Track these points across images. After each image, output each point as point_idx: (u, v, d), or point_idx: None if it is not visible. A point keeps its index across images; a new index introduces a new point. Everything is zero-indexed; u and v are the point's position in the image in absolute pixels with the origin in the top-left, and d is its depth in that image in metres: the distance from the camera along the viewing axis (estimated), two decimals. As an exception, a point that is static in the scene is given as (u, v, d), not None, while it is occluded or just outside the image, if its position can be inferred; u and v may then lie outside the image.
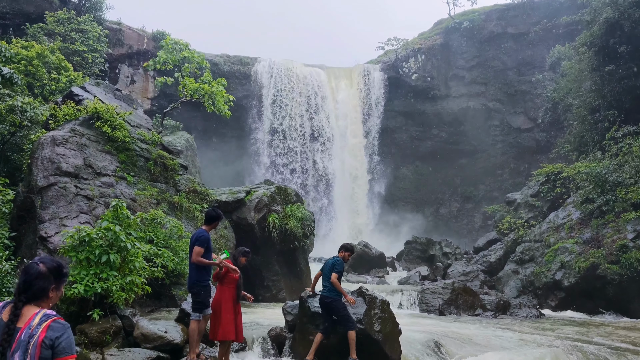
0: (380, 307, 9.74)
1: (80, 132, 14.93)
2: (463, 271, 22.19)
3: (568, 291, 18.13)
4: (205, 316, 7.96)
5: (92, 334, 8.45)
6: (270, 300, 17.27)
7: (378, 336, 9.29)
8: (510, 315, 16.27)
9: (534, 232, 21.68)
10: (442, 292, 16.88)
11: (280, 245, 18.11)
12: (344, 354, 9.00)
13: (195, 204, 16.06)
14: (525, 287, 19.92)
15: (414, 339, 10.45)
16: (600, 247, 18.01)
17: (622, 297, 17.07)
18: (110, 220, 9.50)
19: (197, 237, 7.83)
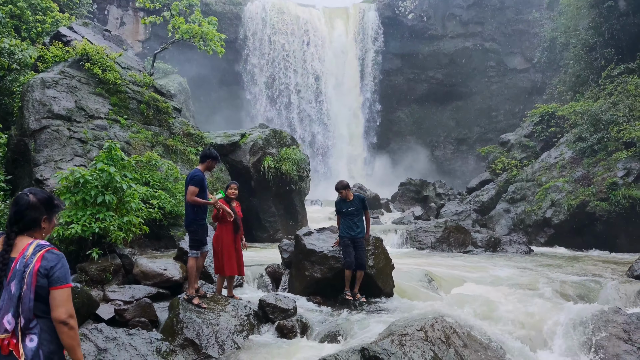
0: (374, 243, 9.99)
1: (70, 74, 14.75)
2: (456, 211, 22.53)
3: (557, 228, 18.53)
4: (203, 253, 8.14)
5: (92, 272, 8.66)
6: (268, 241, 17.62)
7: (371, 271, 9.57)
8: (501, 251, 16.68)
9: (527, 172, 21.91)
10: (435, 230, 17.21)
11: (276, 188, 18.30)
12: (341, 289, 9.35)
13: (190, 147, 16.09)
14: (516, 225, 20.32)
15: (407, 274, 10.76)
16: (590, 185, 18.29)
17: (609, 233, 17.49)
18: (104, 162, 9.55)
19: (192, 177, 7.87)
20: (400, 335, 6.99)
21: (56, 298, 3.12)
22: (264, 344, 7.31)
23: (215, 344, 7.01)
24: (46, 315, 3.14)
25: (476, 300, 8.85)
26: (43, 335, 3.10)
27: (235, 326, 7.54)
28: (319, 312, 8.76)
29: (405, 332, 7.07)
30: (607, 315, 7.81)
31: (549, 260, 14.91)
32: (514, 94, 39.16)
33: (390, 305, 9.27)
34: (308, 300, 9.28)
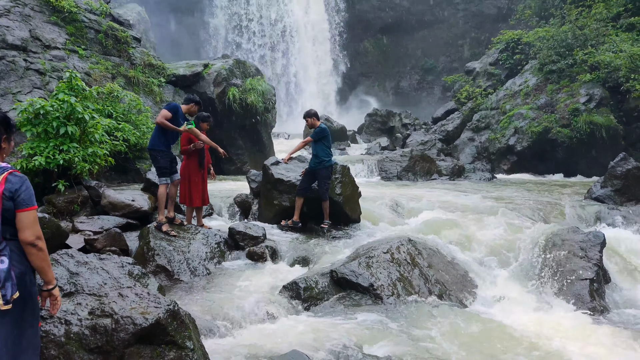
0: (341, 172, 10.08)
1: (22, 2, 13.97)
2: (421, 140, 22.77)
3: (520, 155, 18.99)
4: (174, 182, 8.09)
5: (60, 204, 8.56)
6: (235, 174, 17.59)
7: (339, 198, 9.70)
8: (465, 179, 17.06)
9: (491, 100, 22.13)
10: (401, 159, 17.43)
11: (242, 120, 18.09)
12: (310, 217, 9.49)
13: (152, 78, 15.64)
14: (480, 154, 20.71)
15: (374, 201, 10.97)
16: (553, 112, 18.65)
17: (570, 159, 18.03)
18: (65, 92, 9.22)
19: (169, 104, 7.89)
20: (367, 257, 7.21)
21: (23, 220, 3.08)
22: (235, 269, 7.45)
23: (187, 270, 7.11)
24: (14, 238, 3.10)
25: (441, 224, 9.11)
26: (13, 257, 3.08)
27: (206, 253, 7.64)
28: (288, 239, 8.90)
29: (372, 254, 7.28)
30: (566, 234, 8.14)
31: (511, 186, 15.35)
32: (480, 22, 38.86)
33: (358, 231, 9.48)
34: (277, 228, 9.42)
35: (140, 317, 3.69)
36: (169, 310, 3.83)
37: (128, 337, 3.61)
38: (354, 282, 6.77)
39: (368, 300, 6.64)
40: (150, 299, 3.91)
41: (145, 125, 12.67)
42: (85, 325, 3.63)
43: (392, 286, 6.89)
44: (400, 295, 6.80)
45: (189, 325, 3.96)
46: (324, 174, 9.29)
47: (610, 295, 7.58)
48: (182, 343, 3.80)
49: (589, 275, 7.32)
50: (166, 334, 3.75)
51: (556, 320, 6.46)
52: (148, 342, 3.69)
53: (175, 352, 3.75)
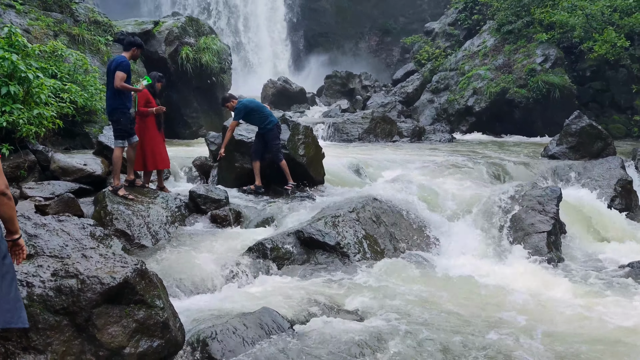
0: (304, 132, 9.90)
1: (-49, -48, 12.93)
2: (382, 102, 22.69)
3: (478, 116, 19.18)
4: (132, 144, 7.72)
5: (5, 170, 8.08)
6: (191, 138, 17.18)
7: (302, 160, 9.55)
8: (425, 140, 17.16)
9: (450, 61, 22.16)
10: (362, 121, 17.33)
11: (197, 81, 17.58)
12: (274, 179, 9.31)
13: (98, 37, 14.87)
14: (439, 115, 20.81)
15: (337, 163, 10.87)
16: (510, 73, 18.84)
17: (527, 119, 18.33)
18: (5, 49, 8.60)
19: (119, 63, 7.33)
20: (333, 217, 7.15)
21: None
22: (198, 233, 7.27)
23: (148, 234, 6.87)
24: None
25: (404, 183, 9.11)
26: None
27: (167, 217, 7.40)
28: (252, 201, 8.75)
29: (338, 214, 7.23)
30: (524, 190, 8.29)
31: (470, 146, 15.52)
32: (439, -17, 38.61)
33: (322, 192, 9.42)
34: (240, 191, 9.22)
35: (108, 277, 3.57)
36: (136, 269, 3.71)
37: (96, 297, 3.50)
38: (321, 241, 6.72)
39: (335, 258, 6.62)
40: (116, 259, 3.78)
41: (93, 86, 12.04)
42: (49, 286, 3.48)
43: (359, 244, 6.88)
44: (366, 253, 6.81)
45: (157, 285, 3.87)
46: (271, 135, 9.13)
47: (566, 246, 7.81)
48: (152, 302, 3.71)
49: (547, 228, 7.51)
50: (135, 293, 3.64)
51: (515, 270, 6.65)
52: (116, 302, 3.60)
53: (145, 311, 3.66)
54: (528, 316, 5.13)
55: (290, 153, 9.45)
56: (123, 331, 3.52)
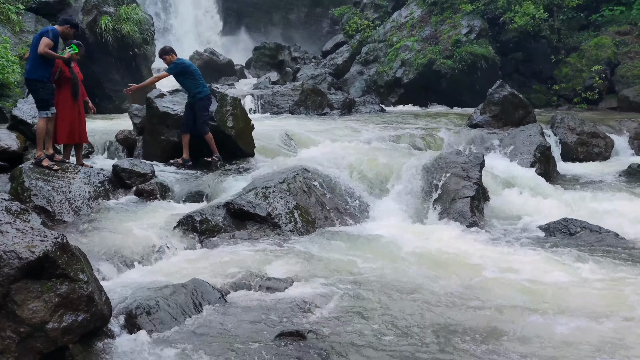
0: (232, 104, 9.74)
1: None
2: (312, 75, 22.64)
3: (407, 87, 19.54)
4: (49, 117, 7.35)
5: None
6: (115, 112, 16.49)
7: (231, 132, 9.41)
8: (356, 112, 17.32)
9: (378, 33, 22.35)
10: (292, 93, 17.26)
11: (118, 53, 16.87)
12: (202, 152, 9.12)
13: (8, 5, 13.92)
14: (369, 87, 21.04)
15: (267, 135, 10.81)
16: (437, 44, 19.25)
17: (453, 90, 18.85)
18: None
19: (47, 30, 7.09)
20: (263, 188, 7.13)
21: None
22: (123, 208, 7.06)
23: (70, 210, 6.61)
24: None
25: (334, 154, 9.18)
26: None
27: (89, 192, 7.13)
28: (180, 175, 8.57)
29: (268, 185, 7.22)
30: (449, 157, 8.57)
31: (399, 117, 15.83)
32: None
33: (252, 164, 9.34)
34: (167, 165, 9.00)
35: (26, 251, 3.41)
36: (57, 243, 3.56)
37: (14, 272, 3.34)
38: (252, 212, 6.70)
39: (266, 229, 6.64)
40: (35, 233, 3.61)
41: (4, 58, 11.31)
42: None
43: (290, 214, 6.91)
44: (297, 223, 6.87)
45: (80, 258, 3.74)
46: (200, 106, 8.88)
47: (489, 209, 8.16)
48: (75, 275, 3.58)
49: (470, 193, 7.82)
50: (56, 267, 3.51)
51: (440, 234, 6.88)
52: (37, 277, 3.45)
53: (68, 285, 3.53)
54: (449, 276, 5.35)
55: (219, 125, 9.28)
56: (45, 306, 3.40)
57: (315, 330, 4.06)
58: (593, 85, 17.69)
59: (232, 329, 4.09)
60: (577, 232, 7.08)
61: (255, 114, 16.70)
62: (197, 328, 4.07)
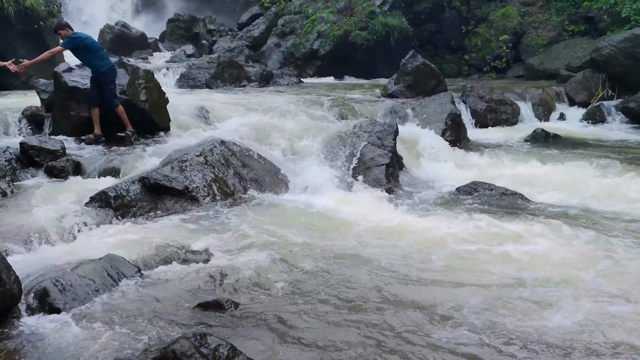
0: (145, 77, 9.46)
1: None
2: (228, 47, 22.26)
3: (324, 59, 19.66)
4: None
5: None
6: (21, 88, 15.57)
7: (145, 105, 9.17)
8: (274, 84, 17.28)
9: (294, 4, 22.23)
10: (208, 66, 16.94)
11: (22, 26, 15.88)
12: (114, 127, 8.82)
13: None
14: (287, 59, 20.98)
15: (183, 109, 10.59)
16: (352, 15, 19.44)
17: (369, 62, 19.17)
18: None
19: None
20: (180, 161, 7.05)
21: None
22: (32, 187, 6.77)
23: (-28, 191, 6.25)
24: None
25: (252, 126, 9.18)
26: None
27: (-6, 172, 6.77)
28: (92, 152, 8.28)
29: (185, 158, 7.13)
30: (365, 126, 8.81)
31: (317, 88, 15.94)
32: None
33: (168, 138, 9.17)
34: (78, 141, 8.67)
35: None
36: None
37: None
38: (168, 186, 6.62)
39: (184, 203, 6.60)
40: None
41: None
42: None
43: (208, 187, 6.89)
44: (216, 195, 6.86)
45: None
46: (105, 79, 8.58)
47: (404, 176, 8.50)
48: None
49: (385, 161, 8.12)
50: None
51: (358, 201, 7.12)
52: None
53: None
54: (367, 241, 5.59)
55: (131, 99, 9.02)
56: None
57: (234, 299, 4.12)
58: (501, 55, 18.58)
59: (149, 303, 4.08)
60: (485, 193, 7.53)
61: (171, 87, 16.30)
62: (112, 303, 4.03)
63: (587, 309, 4.02)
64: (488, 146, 10.57)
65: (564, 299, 4.19)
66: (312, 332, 3.72)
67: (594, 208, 6.80)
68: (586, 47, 15.98)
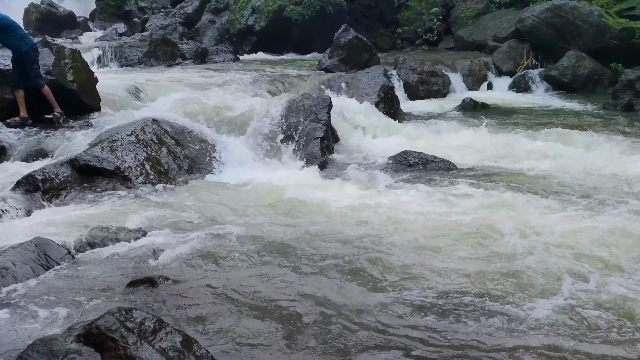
0: (71, 56, 9.19)
1: None
2: (161, 25, 21.72)
3: (259, 35, 19.50)
4: None
5: None
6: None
7: (73, 86, 8.92)
8: (209, 61, 17.02)
9: (228, -21, 21.83)
10: (141, 45, 16.50)
11: None
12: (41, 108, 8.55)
13: None
14: (222, 36, 20.68)
15: (114, 88, 10.36)
16: (286, -10, 19.32)
17: (304, 37, 19.16)
18: None
19: None
20: (110, 142, 6.94)
21: None
22: (-47, 174, 6.52)
23: None
24: None
25: (186, 103, 9.10)
26: None
27: None
28: (18, 135, 8.01)
29: (115, 138, 7.03)
30: (300, 101, 8.90)
31: (254, 65, 15.84)
32: None
33: (99, 119, 8.95)
34: (3, 124, 8.34)
35: None
36: None
37: None
38: (99, 167, 6.53)
39: (116, 183, 6.52)
40: None
41: None
42: None
43: (141, 167, 6.84)
44: (150, 175, 6.81)
45: None
46: (28, 59, 8.27)
47: (338, 149, 8.69)
48: None
49: (320, 134, 8.26)
50: None
51: (293, 175, 7.24)
52: None
53: None
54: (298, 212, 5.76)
55: (58, 79, 8.74)
56: None
57: (167, 275, 4.15)
58: (432, 28, 18.96)
59: (80, 284, 4.07)
60: (415, 162, 7.83)
61: (103, 67, 15.82)
62: (42, 287, 3.99)
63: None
64: (420, 117, 10.91)
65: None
66: (242, 302, 3.83)
67: (511, 168, 7.36)
68: (511, 18, 16.56)
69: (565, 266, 4.26)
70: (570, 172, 7.05)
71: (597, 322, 3.55)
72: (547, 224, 5.13)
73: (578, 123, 10.16)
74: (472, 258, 4.51)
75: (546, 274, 4.15)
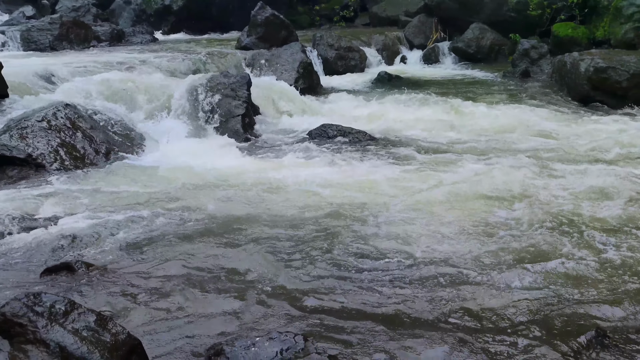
0: (-29, 42, 8.73)
1: None
2: (72, 7, 20.77)
3: (178, 15, 19.08)
4: None
5: None
6: None
7: (-25, 74, 8.50)
8: (126, 43, 16.54)
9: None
10: (51, 28, 15.76)
11: None
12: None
13: None
14: (139, 17, 20.10)
15: (23, 73, 9.90)
16: (202, -32, 18.94)
17: (224, 15, 18.88)
18: None
19: None
20: (19, 129, 6.75)
21: None
22: None
23: None
24: None
25: (102, 85, 8.87)
26: None
27: None
28: None
29: (25, 125, 6.84)
30: (219, 79, 8.93)
31: (173, 45, 15.56)
32: None
33: (6, 105, 8.53)
34: None
35: None
36: None
37: None
38: (8, 155, 6.33)
39: (29, 171, 6.36)
40: None
41: None
42: None
43: (55, 153, 6.68)
44: (65, 161, 6.66)
45: None
46: None
47: (260, 125, 8.79)
48: None
49: (240, 112, 8.35)
50: None
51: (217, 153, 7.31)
52: None
53: None
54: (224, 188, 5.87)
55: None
56: None
57: (85, 260, 4.12)
58: (349, 4, 19.17)
59: (-9, 277, 3.99)
60: (334, 134, 8.08)
61: (9, 52, 15.06)
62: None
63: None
64: (338, 91, 11.14)
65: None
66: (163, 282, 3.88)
67: (424, 137, 7.83)
68: (421, -7, 17.01)
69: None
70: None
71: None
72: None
73: (481, 91, 10.92)
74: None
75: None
